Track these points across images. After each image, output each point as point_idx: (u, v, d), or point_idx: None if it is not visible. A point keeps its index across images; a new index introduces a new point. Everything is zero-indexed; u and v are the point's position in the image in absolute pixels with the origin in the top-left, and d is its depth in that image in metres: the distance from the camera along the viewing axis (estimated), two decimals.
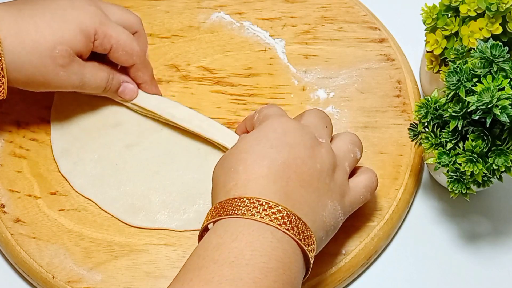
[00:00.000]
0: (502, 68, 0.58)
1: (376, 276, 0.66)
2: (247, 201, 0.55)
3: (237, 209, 0.54)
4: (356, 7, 0.78)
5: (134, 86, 0.71)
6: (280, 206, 0.55)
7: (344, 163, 0.61)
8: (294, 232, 0.54)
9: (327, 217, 0.58)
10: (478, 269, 0.66)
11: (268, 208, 0.54)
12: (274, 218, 0.54)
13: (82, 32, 0.66)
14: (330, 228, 0.59)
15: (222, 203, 0.56)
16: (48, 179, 0.69)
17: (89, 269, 0.64)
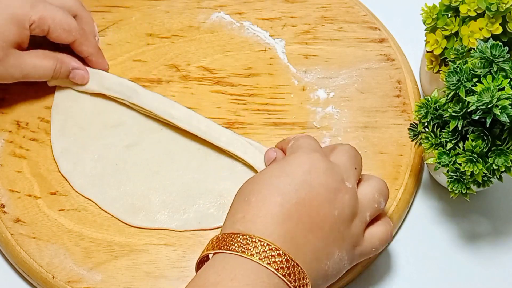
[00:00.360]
0: (502, 68, 0.58)
1: (376, 276, 0.66)
2: (250, 239, 0.53)
3: (238, 245, 0.53)
4: (356, 7, 0.78)
5: (85, 71, 0.72)
6: (281, 250, 0.53)
7: (366, 213, 0.58)
8: (290, 279, 0.53)
9: (330, 267, 0.56)
10: (478, 269, 0.66)
11: (269, 250, 0.53)
12: (272, 261, 0.53)
13: (13, 21, 0.66)
14: (330, 277, 0.57)
15: (225, 236, 0.54)
16: (48, 179, 0.69)
17: (89, 269, 0.64)
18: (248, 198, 0.56)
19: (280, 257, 0.53)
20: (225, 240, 0.54)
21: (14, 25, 0.66)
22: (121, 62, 0.76)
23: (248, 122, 0.71)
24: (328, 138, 0.70)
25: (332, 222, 0.56)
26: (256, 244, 0.53)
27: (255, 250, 0.53)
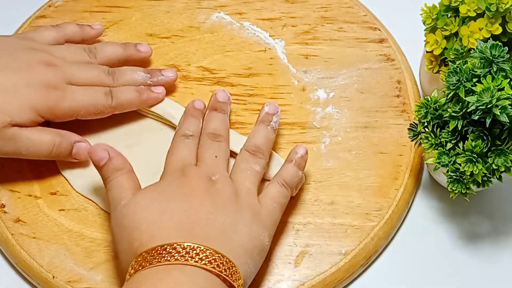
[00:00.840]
0: (502, 68, 0.58)
1: (376, 276, 0.66)
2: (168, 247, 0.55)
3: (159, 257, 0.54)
4: (356, 7, 0.78)
5: (87, 144, 0.68)
6: (202, 245, 0.55)
7: (244, 184, 0.62)
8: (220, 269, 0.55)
9: (245, 241, 0.58)
10: (478, 269, 0.66)
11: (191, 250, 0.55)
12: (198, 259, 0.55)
13: (31, 109, 0.65)
14: (253, 250, 0.59)
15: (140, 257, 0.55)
16: (48, 179, 0.69)
17: (90, 269, 0.64)
18: (137, 227, 0.57)
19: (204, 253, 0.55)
20: (144, 258, 0.55)
21: (31, 113, 0.65)
22: None
23: (248, 122, 0.71)
24: (328, 138, 0.70)
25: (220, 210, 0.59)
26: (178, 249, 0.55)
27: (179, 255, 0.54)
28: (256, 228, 0.59)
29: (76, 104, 0.67)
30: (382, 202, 0.67)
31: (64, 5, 0.80)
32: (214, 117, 0.67)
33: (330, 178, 0.68)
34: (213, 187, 0.60)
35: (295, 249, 0.65)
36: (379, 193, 0.67)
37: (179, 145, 0.65)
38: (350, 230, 0.65)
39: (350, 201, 0.67)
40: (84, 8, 0.79)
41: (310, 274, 0.63)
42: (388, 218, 0.66)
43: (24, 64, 0.66)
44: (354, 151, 0.69)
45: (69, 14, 0.79)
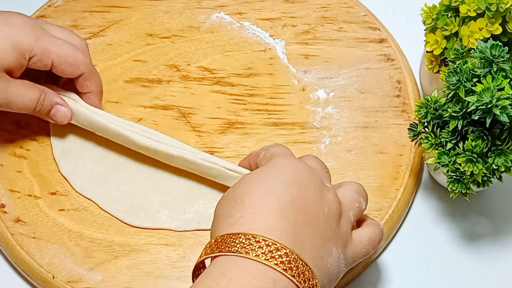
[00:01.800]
0: (502, 68, 0.58)
1: (376, 276, 0.66)
2: (253, 238, 0.51)
3: (241, 246, 0.51)
4: (356, 7, 0.78)
5: (67, 109, 0.68)
6: (287, 248, 0.51)
7: (349, 212, 0.58)
8: (299, 280, 0.50)
9: (332, 264, 0.55)
10: (478, 269, 0.66)
11: (275, 250, 0.51)
12: (280, 261, 0.50)
13: (14, 48, 0.65)
14: (333, 277, 0.55)
15: (224, 237, 0.52)
16: (48, 179, 0.69)
17: (89, 269, 0.64)
18: (241, 199, 0.54)
19: (288, 257, 0.51)
20: (225, 241, 0.51)
21: (14, 51, 0.65)
22: (121, 62, 0.76)
23: (248, 122, 0.71)
24: (328, 138, 0.70)
25: (325, 219, 0.55)
26: (261, 244, 0.51)
27: (260, 250, 0.50)
28: (342, 257, 0.56)
29: (55, 45, 0.67)
30: (382, 202, 0.67)
31: (64, 5, 0.80)
32: None
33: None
34: (325, 192, 0.56)
35: None
36: (379, 193, 0.67)
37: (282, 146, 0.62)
38: None
39: None
40: (84, 8, 0.79)
41: None
42: (388, 218, 0.66)
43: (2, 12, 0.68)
44: (354, 151, 0.69)
45: (69, 14, 0.79)
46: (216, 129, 0.71)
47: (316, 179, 0.57)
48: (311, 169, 0.57)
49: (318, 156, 0.68)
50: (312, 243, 0.53)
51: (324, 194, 0.56)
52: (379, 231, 0.60)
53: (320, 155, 0.69)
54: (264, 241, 0.51)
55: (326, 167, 0.61)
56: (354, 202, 0.59)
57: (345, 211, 0.57)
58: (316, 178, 0.57)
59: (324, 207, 0.55)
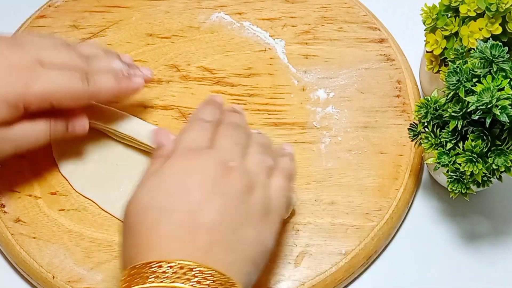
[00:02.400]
0: (502, 68, 0.58)
1: (376, 276, 0.66)
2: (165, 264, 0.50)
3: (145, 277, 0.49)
4: (356, 7, 0.78)
5: (82, 120, 0.65)
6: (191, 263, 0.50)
7: (260, 177, 0.56)
8: None
9: (250, 249, 0.53)
10: (478, 269, 0.66)
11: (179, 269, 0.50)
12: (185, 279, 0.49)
13: (4, 103, 0.59)
14: (257, 257, 0.54)
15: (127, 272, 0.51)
16: (48, 179, 0.69)
17: (89, 269, 0.64)
18: (136, 231, 0.52)
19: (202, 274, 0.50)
20: (139, 273, 0.50)
21: (4, 107, 0.59)
22: None
23: (248, 122, 0.71)
24: (328, 138, 0.70)
25: (229, 210, 0.53)
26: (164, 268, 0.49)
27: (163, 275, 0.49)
28: (263, 230, 0.55)
29: (49, 86, 0.61)
30: (382, 202, 0.67)
31: (64, 5, 0.80)
32: (234, 114, 0.62)
33: (330, 178, 0.68)
34: (226, 177, 0.54)
35: (295, 249, 0.65)
36: (379, 193, 0.67)
37: (194, 126, 0.58)
38: (350, 230, 0.65)
39: (350, 201, 0.67)
40: (84, 8, 0.80)
41: (310, 274, 0.63)
42: (388, 218, 0.66)
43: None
44: (354, 151, 0.69)
45: (69, 14, 0.79)
46: None
47: (211, 169, 0.54)
48: (206, 159, 0.55)
49: (318, 156, 0.69)
50: (219, 243, 0.52)
51: (224, 180, 0.54)
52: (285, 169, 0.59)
53: (320, 155, 0.69)
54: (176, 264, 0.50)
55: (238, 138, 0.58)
56: (261, 163, 0.57)
57: (257, 178, 0.56)
58: (210, 167, 0.54)
59: (226, 196, 0.53)
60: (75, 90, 0.62)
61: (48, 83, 0.61)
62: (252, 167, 0.56)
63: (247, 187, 0.55)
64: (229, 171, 0.54)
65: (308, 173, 0.68)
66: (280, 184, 0.58)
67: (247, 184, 0.55)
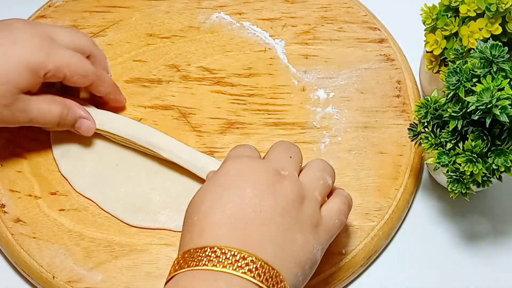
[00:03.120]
0: (501, 68, 0.58)
1: (376, 276, 0.66)
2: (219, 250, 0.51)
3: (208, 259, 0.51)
4: (356, 7, 0.78)
5: (91, 122, 0.69)
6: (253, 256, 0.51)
7: (314, 193, 0.58)
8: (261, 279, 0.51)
9: (299, 252, 0.55)
10: (478, 269, 0.66)
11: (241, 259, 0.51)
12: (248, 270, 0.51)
13: (27, 69, 0.64)
14: (306, 263, 0.55)
15: (181, 256, 0.53)
16: (48, 179, 0.69)
17: (90, 269, 0.64)
18: (191, 219, 0.55)
19: (254, 264, 0.51)
20: (192, 256, 0.52)
21: (28, 72, 0.65)
22: (121, 62, 0.76)
23: (248, 122, 0.71)
24: (328, 138, 0.70)
25: (281, 210, 0.55)
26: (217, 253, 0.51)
27: (227, 261, 0.51)
28: (312, 239, 0.56)
29: (66, 58, 0.67)
30: (382, 202, 0.67)
31: (64, 5, 0.80)
32: None
33: None
34: (279, 182, 0.56)
35: None
36: (379, 193, 0.67)
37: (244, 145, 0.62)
38: (350, 230, 0.65)
39: None
40: (84, 8, 0.80)
41: None
42: (388, 218, 0.66)
43: (3, 26, 0.67)
44: (354, 151, 0.69)
45: (69, 14, 0.79)
46: (216, 129, 0.71)
47: (265, 173, 0.56)
48: (260, 165, 0.57)
49: (318, 156, 0.69)
50: (269, 238, 0.53)
51: (276, 186, 0.56)
52: (346, 197, 0.60)
53: (320, 155, 0.69)
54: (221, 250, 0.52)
55: (292, 151, 0.60)
56: (318, 180, 0.59)
57: (309, 193, 0.57)
58: (265, 172, 0.56)
59: (278, 198, 0.55)
60: (86, 68, 0.68)
61: (65, 56, 0.67)
62: (306, 181, 0.58)
63: (298, 196, 0.56)
64: (282, 178, 0.56)
65: None
66: (337, 206, 0.59)
67: (298, 193, 0.56)
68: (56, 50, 0.66)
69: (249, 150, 0.60)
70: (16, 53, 0.65)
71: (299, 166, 0.60)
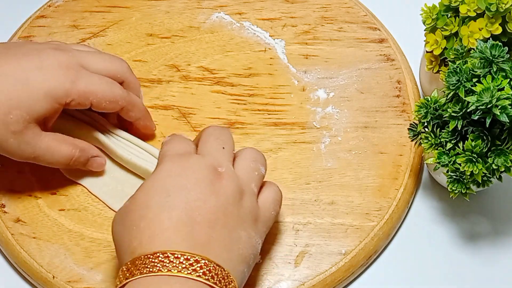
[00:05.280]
0: (501, 68, 0.58)
1: (376, 276, 0.66)
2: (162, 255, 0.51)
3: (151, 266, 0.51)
4: (356, 7, 0.78)
5: (102, 159, 0.68)
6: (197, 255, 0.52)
7: (250, 185, 0.58)
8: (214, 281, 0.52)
9: (244, 249, 0.55)
10: (478, 269, 0.66)
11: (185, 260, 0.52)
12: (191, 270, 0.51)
13: (47, 96, 0.62)
14: (250, 258, 0.56)
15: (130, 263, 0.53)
16: (48, 179, 0.69)
17: (90, 269, 0.64)
18: (136, 225, 0.54)
19: (207, 266, 0.52)
20: (135, 265, 0.52)
21: (47, 99, 0.62)
22: None
23: (248, 122, 0.71)
24: (328, 138, 0.70)
25: (224, 210, 0.55)
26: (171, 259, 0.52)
27: (181, 265, 0.51)
28: (254, 234, 0.57)
29: (93, 85, 0.64)
30: (382, 202, 0.67)
31: (64, 5, 0.80)
32: None
33: (330, 178, 0.68)
34: (218, 181, 0.56)
35: (295, 249, 0.65)
36: (379, 193, 0.67)
37: (175, 138, 0.61)
38: (350, 230, 0.65)
39: (350, 201, 0.67)
40: (84, 8, 0.80)
41: (310, 274, 0.63)
42: (388, 218, 0.66)
43: (32, 50, 0.64)
44: (354, 151, 0.69)
45: (69, 14, 0.79)
46: None
47: (205, 172, 0.56)
48: (198, 162, 0.57)
49: (318, 156, 0.69)
50: (216, 240, 0.54)
51: (216, 185, 0.56)
52: (277, 187, 0.61)
53: (320, 155, 0.69)
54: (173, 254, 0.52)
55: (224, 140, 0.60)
56: (253, 171, 0.59)
57: (246, 186, 0.58)
58: (204, 171, 0.56)
59: (219, 198, 0.55)
60: (115, 93, 0.66)
61: (92, 83, 0.64)
62: (242, 174, 0.58)
63: (238, 193, 0.57)
64: (220, 175, 0.57)
65: (308, 173, 0.68)
66: (271, 196, 0.60)
67: (237, 190, 0.57)
68: (83, 77, 0.64)
69: (183, 144, 0.60)
70: (38, 79, 0.62)
71: (232, 155, 0.60)
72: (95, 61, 0.67)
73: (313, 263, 0.64)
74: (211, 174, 0.56)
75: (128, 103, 0.67)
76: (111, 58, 0.69)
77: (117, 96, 0.66)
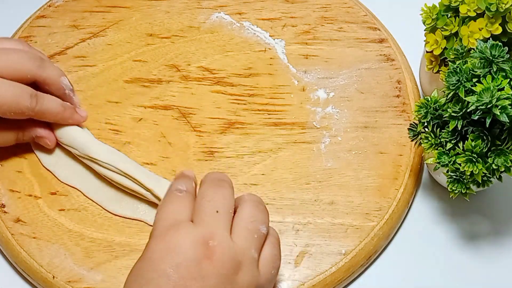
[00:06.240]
0: (501, 68, 0.58)
1: (376, 276, 0.66)
2: None
3: None
4: (356, 7, 0.78)
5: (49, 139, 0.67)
6: None
7: (250, 251, 0.53)
8: None
9: None
10: (478, 269, 0.66)
11: None
12: None
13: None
14: None
15: None
16: (48, 179, 0.69)
17: (90, 269, 0.64)
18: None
19: None
20: None
21: None
22: (121, 62, 0.76)
23: (248, 122, 0.71)
24: (328, 138, 0.70)
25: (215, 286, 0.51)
26: None
27: None
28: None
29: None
30: (382, 202, 0.67)
31: (64, 5, 0.80)
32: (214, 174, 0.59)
33: (330, 178, 0.68)
34: (207, 260, 0.51)
35: (295, 249, 0.65)
36: (379, 193, 0.67)
37: (172, 199, 0.56)
38: (350, 230, 0.65)
39: (350, 201, 0.67)
40: (84, 8, 0.80)
41: (310, 274, 0.63)
42: (388, 218, 0.66)
43: None
44: (354, 151, 0.69)
45: (69, 14, 0.79)
46: (216, 129, 0.71)
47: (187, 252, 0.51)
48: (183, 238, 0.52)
49: (318, 156, 0.69)
50: None
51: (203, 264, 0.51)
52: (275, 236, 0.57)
53: (320, 155, 0.69)
54: None
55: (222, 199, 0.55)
56: (251, 235, 0.54)
57: (244, 256, 0.53)
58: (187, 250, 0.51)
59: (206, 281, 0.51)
60: (22, 106, 0.64)
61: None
62: (239, 241, 0.53)
63: (232, 268, 0.52)
64: (210, 252, 0.52)
65: (308, 173, 0.68)
66: (271, 253, 0.56)
67: (232, 265, 0.52)
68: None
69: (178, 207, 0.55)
70: None
71: (229, 216, 0.55)
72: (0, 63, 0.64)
73: (313, 263, 0.64)
74: (199, 252, 0.51)
75: (36, 114, 0.65)
76: (18, 57, 0.65)
77: (23, 108, 0.64)
